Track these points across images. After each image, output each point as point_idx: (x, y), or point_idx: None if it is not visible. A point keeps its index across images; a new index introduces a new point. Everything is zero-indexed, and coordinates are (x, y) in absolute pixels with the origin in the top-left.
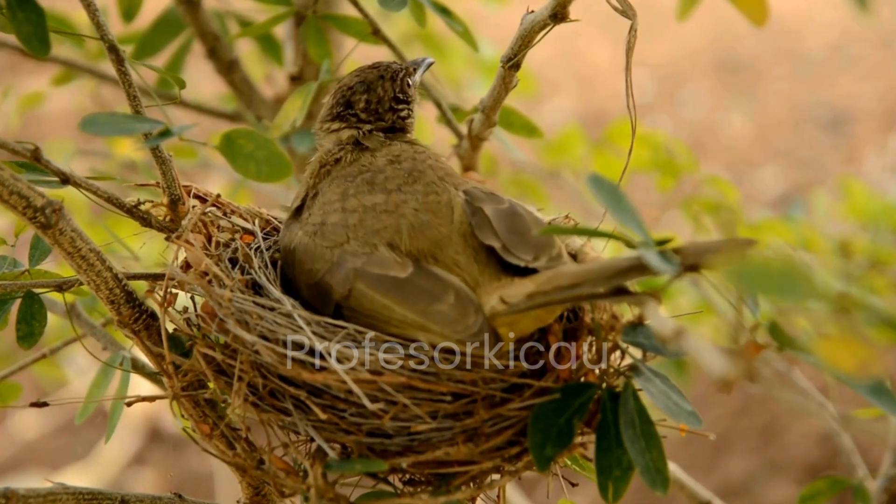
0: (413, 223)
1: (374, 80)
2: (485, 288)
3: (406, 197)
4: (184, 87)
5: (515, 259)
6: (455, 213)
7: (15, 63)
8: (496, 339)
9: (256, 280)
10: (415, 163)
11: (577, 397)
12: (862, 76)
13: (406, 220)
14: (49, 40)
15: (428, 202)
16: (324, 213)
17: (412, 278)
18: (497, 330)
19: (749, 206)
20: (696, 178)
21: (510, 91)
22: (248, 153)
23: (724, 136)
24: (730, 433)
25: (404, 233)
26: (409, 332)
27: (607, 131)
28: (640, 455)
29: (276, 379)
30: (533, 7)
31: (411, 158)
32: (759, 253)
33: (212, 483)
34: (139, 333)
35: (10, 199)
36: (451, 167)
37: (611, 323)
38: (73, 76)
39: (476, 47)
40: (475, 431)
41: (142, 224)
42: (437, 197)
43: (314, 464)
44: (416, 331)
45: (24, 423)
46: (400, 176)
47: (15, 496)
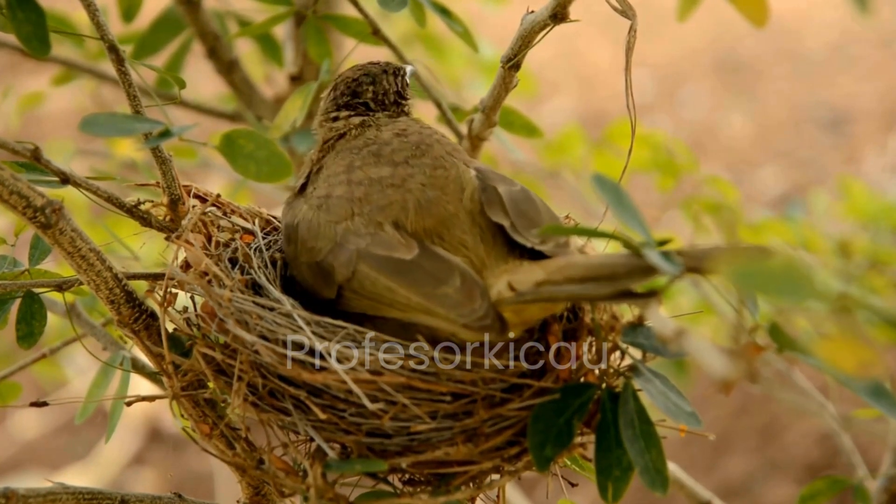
0: (420, 200)
1: (378, 74)
2: (491, 270)
3: (413, 171)
4: (184, 86)
5: (523, 239)
6: (465, 190)
7: (15, 63)
8: (502, 326)
9: (256, 280)
10: (422, 136)
11: (576, 397)
12: (862, 76)
13: (413, 197)
14: (49, 40)
15: (436, 177)
16: (329, 186)
17: (417, 260)
18: (502, 315)
19: (749, 206)
20: (697, 178)
21: (510, 91)
22: (249, 153)
23: (724, 136)
24: (730, 433)
25: (410, 210)
26: (413, 316)
27: (607, 131)
28: (640, 455)
29: (275, 379)
30: (533, 7)
31: (418, 132)
32: (761, 255)
33: (212, 483)
34: (139, 333)
35: (9, 199)
36: (458, 145)
37: (611, 323)
38: (73, 76)
39: (476, 48)
40: (475, 431)
41: (142, 224)
42: (445, 172)
43: (314, 463)
44: (421, 314)
45: (24, 423)
46: (407, 149)
47: (15, 496)
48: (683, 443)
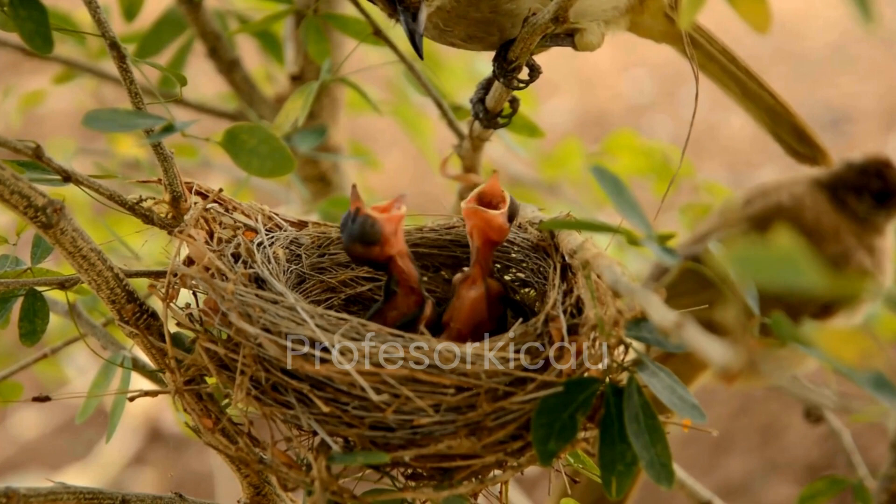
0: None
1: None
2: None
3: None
4: (185, 83)
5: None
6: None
7: (16, 62)
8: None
9: (259, 275)
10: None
11: (580, 392)
12: (862, 76)
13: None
14: (52, 37)
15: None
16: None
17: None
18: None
19: None
20: (695, 182)
21: (511, 92)
22: (251, 148)
23: (723, 136)
24: (730, 433)
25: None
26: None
27: (606, 142)
28: (646, 450)
29: (278, 373)
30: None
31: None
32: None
33: (212, 483)
34: (140, 332)
35: (11, 199)
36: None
37: (615, 318)
38: (74, 75)
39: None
40: (478, 425)
41: (144, 221)
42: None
43: (318, 457)
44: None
45: (25, 422)
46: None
47: (16, 495)
48: (684, 442)
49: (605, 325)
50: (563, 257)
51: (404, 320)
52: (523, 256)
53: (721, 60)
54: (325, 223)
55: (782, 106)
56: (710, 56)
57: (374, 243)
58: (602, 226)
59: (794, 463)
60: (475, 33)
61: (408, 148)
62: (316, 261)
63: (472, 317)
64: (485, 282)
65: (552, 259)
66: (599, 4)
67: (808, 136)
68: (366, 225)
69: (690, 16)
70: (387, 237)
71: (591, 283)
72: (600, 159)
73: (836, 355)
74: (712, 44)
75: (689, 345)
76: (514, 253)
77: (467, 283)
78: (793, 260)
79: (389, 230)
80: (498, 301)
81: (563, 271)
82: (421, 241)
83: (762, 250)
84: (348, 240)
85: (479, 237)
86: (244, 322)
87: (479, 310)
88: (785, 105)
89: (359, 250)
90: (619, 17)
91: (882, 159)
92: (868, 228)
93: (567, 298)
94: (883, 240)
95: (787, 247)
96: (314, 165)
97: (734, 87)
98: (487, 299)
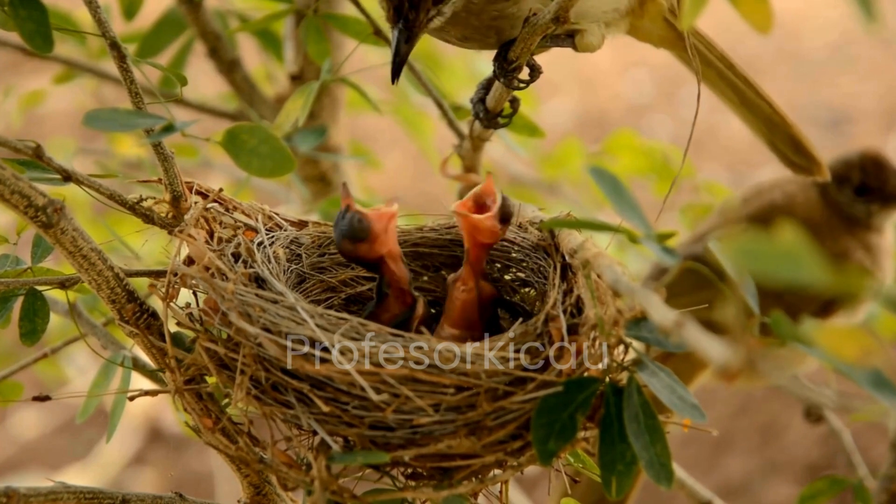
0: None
1: None
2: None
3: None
4: (185, 83)
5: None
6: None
7: (16, 62)
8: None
9: (259, 274)
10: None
11: (580, 391)
12: (862, 76)
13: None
14: (52, 37)
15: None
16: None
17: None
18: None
19: None
20: (695, 182)
21: (512, 92)
22: (252, 148)
23: (723, 137)
24: (730, 433)
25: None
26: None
27: (606, 143)
28: (645, 449)
29: (278, 372)
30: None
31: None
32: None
33: (212, 483)
34: (140, 332)
35: (11, 199)
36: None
37: (615, 318)
38: (74, 75)
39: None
40: (478, 424)
41: (144, 221)
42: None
43: (318, 456)
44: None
45: (25, 422)
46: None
47: (16, 495)
48: (684, 442)
49: (605, 325)
50: (564, 257)
51: (396, 321)
52: (523, 256)
53: (719, 67)
54: (325, 223)
55: (779, 115)
56: (709, 62)
57: (362, 240)
58: (602, 225)
59: (794, 463)
60: (472, 35)
61: (408, 148)
62: (316, 260)
63: (464, 317)
64: (477, 284)
65: (552, 258)
66: (600, 6)
67: (805, 147)
68: (354, 221)
69: (691, 18)
70: (376, 234)
71: (591, 283)
72: (600, 159)
73: (836, 354)
74: (711, 50)
75: (689, 344)
76: (514, 252)
77: (458, 284)
78: (795, 254)
79: (379, 227)
80: (489, 304)
81: (563, 271)
82: (421, 240)
83: (764, 244)
84: (339, 236)
85: (468, 240)
86: (244, 322)
87: (469, 311)
88: (782, 115)
89: (348, 247)
90: (619, 20)
91: (870, 153)
92: (865, 227)
93: (567, 298)
94: (881, 238)
95: (789, 241)
96: (314, 165)
97: (731, 94)
98: (479, 301)
